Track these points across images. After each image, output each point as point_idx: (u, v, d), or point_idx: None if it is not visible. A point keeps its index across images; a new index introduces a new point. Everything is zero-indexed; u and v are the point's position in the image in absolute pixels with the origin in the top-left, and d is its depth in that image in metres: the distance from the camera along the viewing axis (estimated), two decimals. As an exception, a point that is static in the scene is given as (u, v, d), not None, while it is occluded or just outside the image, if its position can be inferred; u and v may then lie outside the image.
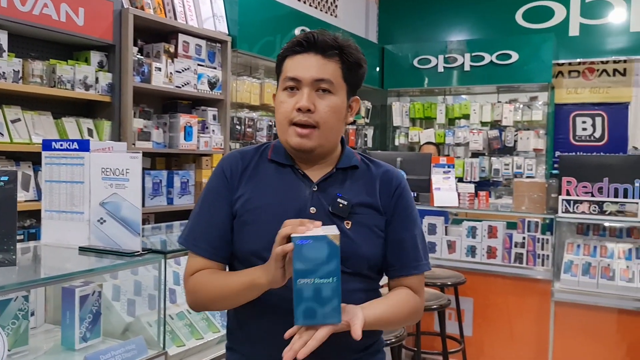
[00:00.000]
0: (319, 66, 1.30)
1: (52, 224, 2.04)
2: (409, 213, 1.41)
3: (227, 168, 1.40)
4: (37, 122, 3.12)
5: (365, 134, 6.42)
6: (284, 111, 1.32)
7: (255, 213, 1.34)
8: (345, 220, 1.33)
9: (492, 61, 6.07)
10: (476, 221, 4.07)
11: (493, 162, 6.10)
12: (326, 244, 1.11)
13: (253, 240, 1.33)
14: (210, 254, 1.36)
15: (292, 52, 1.34)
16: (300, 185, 1.36)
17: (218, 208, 1.37)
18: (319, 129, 1.31)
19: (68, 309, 1.82)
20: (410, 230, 1.40)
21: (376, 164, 1.45)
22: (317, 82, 1.30)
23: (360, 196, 1.37)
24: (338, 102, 1.33)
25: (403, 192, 1.41)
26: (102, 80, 3.35)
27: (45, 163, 2.07)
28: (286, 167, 1.39)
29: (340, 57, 1.32)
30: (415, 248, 1.40)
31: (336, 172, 1.39)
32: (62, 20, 3.09)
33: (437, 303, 3.09)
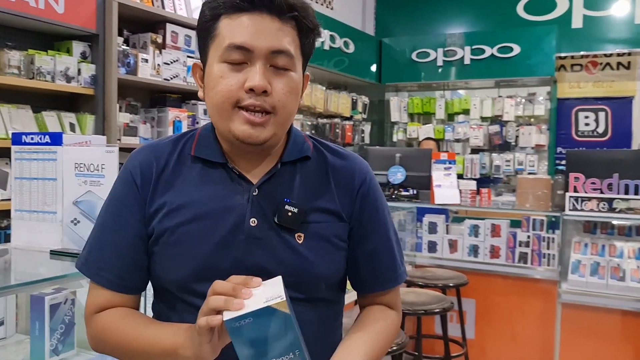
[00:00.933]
0: (275, 32, 0.98)
1: (22, 224, 1.89)
2: (379, 214, 1.13)
3: (136, 172, 1.07)
4: (15, 116, 2.94)
5: (363, 130, 6.26)
6: (227, 90, 0.98)
7: (178, 232, 1.03)
8: (296, 232, 1.04)
9: (492, 54, 5.91)
10: (478, 219, 3.91)
11: (494, 158, 5.95)
12: (272, 316, 0.83)
13: (176, 267, 1.02)
14: (116, 285, 1.05)
15: (233, 9, 0.98)
16: (236, 190, 1.05)
17: (126, 225, 1.05)
18: (276, 115, 1.00)
19: (37, 319, 1.67)
20: (383, 236, 1.14)
21: (333, 152, 1.14)
22: (274, 55, 0.98)
23: (315, 199, 1.07)
24: (296, 80, 1.02)
25: (370, 188, 1.12)
26: (84, 72, 3.17)
27: (16, 158, 1.91)
28: (216, 166, 1.07)
29: (297, 20, 1.01)
30: (390, 256, 1.15)
31: (281, 169, 1.08)
32: (40, 7, 2.91)
33: (439, 307, 2.94)
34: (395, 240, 1.17)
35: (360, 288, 1.17)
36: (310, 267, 1.03)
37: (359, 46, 5.98)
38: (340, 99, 5.87)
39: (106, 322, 1.04)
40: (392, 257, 1.15)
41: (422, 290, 3.22)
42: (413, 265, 3.95)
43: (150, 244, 1.05)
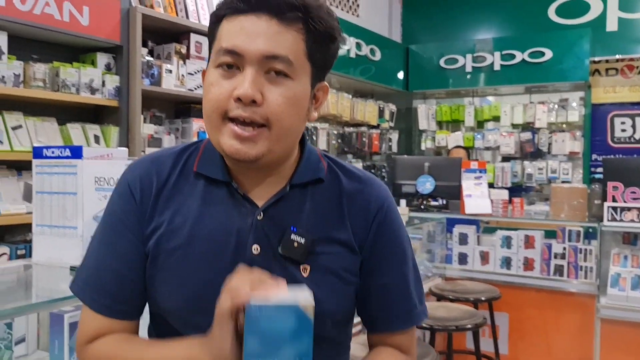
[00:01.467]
0: (271, 35, 0.87)
1: (43, 240, 1.86)
2: (396, 246, 1.03)
3: (135, 186, 0.97)
4: (40, 128, 2.94)
5: (390, 139, 6.16)
6: (215, 99, 0.89)
7: (177, 255, 0.94)
8: (301, 264, 0.94)
9: (523, 59, 5.76)
10: (511, 230, 3.78)
11: (526, 166, 5.78)
12: (294, 315, 0.78)
13: (172, 293, 0.93)
14: (113, 312, 0.96)
15: (232, 11, 0.90)
16: (239, 212, 0.95)
17: (124, 245, 0.96)
18: (270, 129, 0.89)
19: (57, 338, 1.65)
20: (398, 270, 1.03)
21: (349, 175, 1.03)
22: (269, 60, 0.87)
23: (326, 227, 0.97)
24: (297, 91, 0.91)
25: (386, 217, 1.01)
26: (109, 83, 3.16)
27: (36, 172, 1.90)
28: (219, 184, 0.97)
29: (304, 23, 0.89)
30: (405, 293, 1.03)
31: (290, 192, 0.97)
32: (65, 20, 2.91)
33: (471, 322, 2.82)
34: (413, 275, 1.05)
35: (369, 326, 1.06)
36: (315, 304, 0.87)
37: (385, 53, 5.90)
38: (367, 107, 5.80)
39: (102, 351, 0.94)
40: (407, 294, 1.03)
41: (454, 305, 3.11)
42: (443, 278, 3.83)
43: (148, 265, 0.96)
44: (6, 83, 2.73)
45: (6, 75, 2.73)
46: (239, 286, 0.79)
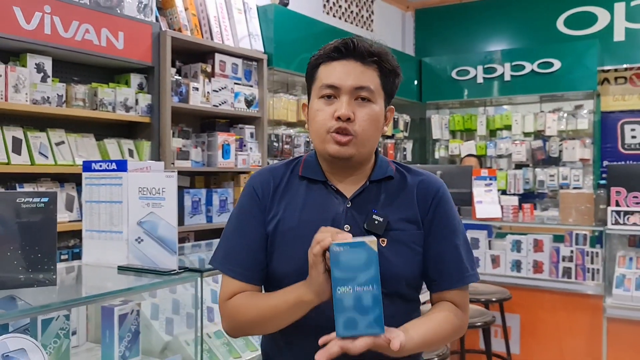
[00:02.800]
0: (358, 73, 1.26)
1: (92, 243, 2.08)
2: (448, 222, 1.33)
3: (258, 187, 1.35)
4: (80, 144, 3.20)
5: (404, 148, 6.36)
6: (322, 120, 1.27)
7: (288, 235, 1.29)
8: (380, 237, 1.26)
9: (533, 70, 5.93)
10: (521, 235, 3.95)
11: (537, 173, 5.93)
12: (364, 249, 1.08)
13: (286, 262, 1.28)
14: (245, 277, 1.31)
15: (328, 59, 1.29)
16: (333, 202, 1.31)
17: (251, 229, 1.32)
18: (357, 138, 1.26)
19: (107, 328, 1.84)
20: (450, 240, 1.32)
21: (412, 173, 1.38)
22: (357, 90, 1.26)
23: (397, 211, 1.30)
24: (377, 111, 1.29)
25: (441, 200, 1.34)
26: (141, 101, 3.42)
27: (86, 184, 2.12)
28: (318, 183, 1.34)
29: (378, 64, 1.28)
30: (457, 259, 1.32)
31: (370, 186, 1.33)
32: (102, 44, 3.18)
33: (481, 320, 3.00)
34: (464, 248, 1.34)
35: (430, 287, 1.35)
36: (391, 267, 1.24)
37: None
38: (382, 118, 5.98)
39: (237, 301, 1.30)
40: (458, 260, 1.32)
41: (464, 304, 3.28)
42: (456, 281, 3.99)
43: (268, 244, 1.31)
44: (51, 103, 3.00)
45: (51, 96, 2.99)
46: (324, 236, 1.11)
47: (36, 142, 2.97)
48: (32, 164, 2.93)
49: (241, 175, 4.13)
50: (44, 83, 2.97)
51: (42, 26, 2.90)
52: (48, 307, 1.56)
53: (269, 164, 4.35)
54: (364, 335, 1.09)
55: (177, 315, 2.12)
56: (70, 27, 3.03)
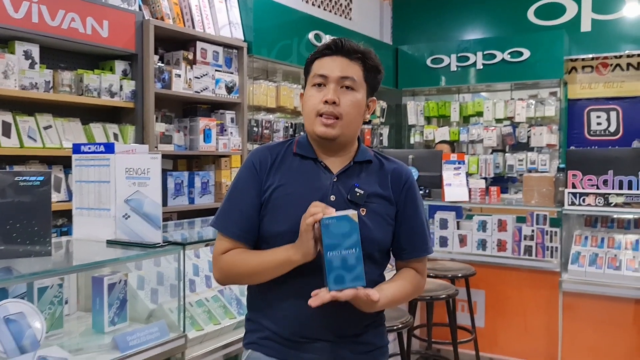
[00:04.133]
0: (344, 66, 1.50)
1: (82, 220, 2.24)
2: (417, 203, 1.61)
3: (256, 161, 1.57)
4: (67, 128, 3.34)
5: (381, 133, 6.55)
6: (312, 104, 1.51)
7: (284, 200, 1.51)
8: (361, 207, 1.50)
9: (504, 59, 6.15)
10: (487, 215, 4.17)
11: (507, 158, 6.18)
12: (347, 221, 1.34)
13: (282, 222, 1.49)
14: (238, 236, 1.53)
15: (321, 55, 1.54)
16: (322, 176, 1.54)
17: (248, 196, 1.53)
18: (342, 120, 1.49)
19: (97, 296, 2.00)
20: (419, 218, 1.60)
21: (388, 160, 1.63)
22: (342, 80, 1.49)
23: (374, 188, 1.55)
24: (359, 98, 1.52)
25: (411, 185, 1.60)
26: (125, 87, 3.57)
27: (75, 165, 2.26)
28: (309, 160, 1.56)
29: (362, 60, 1.52)
30: (423, 233, 1.61)
31: (353, 165, 1.56)
32: (88, 32, 3.31)
33: (445, 293, 3.23)
34: (426, 223, 1.65)
35: (399, 255, 1.62)
36: (369, 232, 1.48)
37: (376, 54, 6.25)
38: (359, 104, 6.16)
39: (231, 256, 1.53)
40: (424, 234, 1.62)
41: (431, 279, 3.51)
42: (426, 259, 4.21)
43: (263, 208, 1.53)
44: (38, 89, 3.13)
45: (38, 82, 3.13)
46: (316, 210, 1.35)
47: (25, 126, 3.10)
48: (22, 146, 3.07)
49: (222, 158, 4.30)
50: (32, 69, 3.11)
51: (29, 15, 3.03)
52: (45, 273, 1.72)
53: (248, 148, 4.53)
54: (349, 287, 1.35)
55: (162, 286, 2.29)
56: (57, 16, 3.16)
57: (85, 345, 1.88)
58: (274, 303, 1.54)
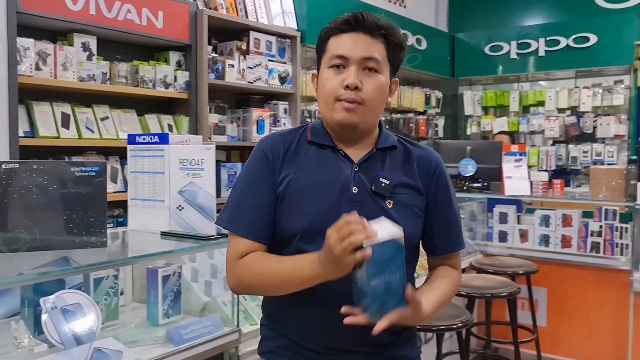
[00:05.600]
0: (366, 45, 1.31)
1: (137, 211, 2.24)
2: (449, 192, 1.44)
3: (268, 150, 1.39)
4: (123, 119, 3.38)
5: (436, 124, 6.38)
6: (330, 88, 1.32)
7: (300, 194, 1.33)
8: (387, 199, 1.34)
9: (568, 45, 5.85)
10: (550, 210, 3.98)
11: (570, 149, 5.89)
12: (393, 244, 1.15)
13: (298, 220, 1.32)
14: (255, 236, 1.34)
15: (338, 31, 1.34)
16: (342, 165, 1.36)
17: (261, 190, 1.36)
18: (364, 106, 1.32)
19: (152, 288, 1.99)
20: (452, 209, 1.44)
21: (414, 146, 1.45)
22: (365, 61, 1.31)
23: (401, 176, 1.37)
24: (383, 81, 1.34)
25: (441, 172, 1.42)
26: (180, 78, 3.57)
27: (131, 155, 2.26)
28: (326, 148, 1.39)
29: (385, 37, 1.33)
30: (457, 226, 1.46)
31: (376, 152, 1.39)
32: (143, 24, 3.33)
33: (506, 290, 3.08)
34: (459, 214, 1.47)
35: (432, 251, 1.46)
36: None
37: (432, 42, 6.10)
38: (414, 94, 6.03)
39: (249, 265, 1.32)
40: (458, 227, 1.46)
41: (490, 276, 3.36)
42: (484, 254, 4.08)
43: (277, 204, 1.36)
44: (96, 80, 3.17)
45: (96, 73, 3.16)
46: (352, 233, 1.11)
47: (83, 117, 3.15)
48: (80, 137, 3.11)
49: (275, 150, 4.24)
50: (90, 61, 3.14)
51: (87, 7, 3.06)
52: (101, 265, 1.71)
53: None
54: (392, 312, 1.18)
55: (215, 279, 2.26)
56: (114, 7, 3.18)
57: (140, 338, 1.87)
58: (294, 308, 1.35)
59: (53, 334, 1.57)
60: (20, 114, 2.87)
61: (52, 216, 1.72)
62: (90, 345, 1.61)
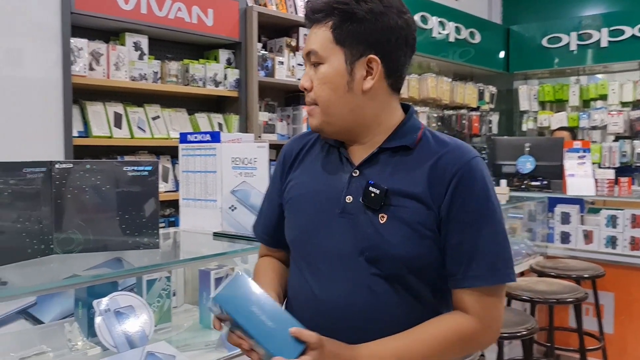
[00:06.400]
0: (309, 37, 1.16)
1: (188, 211, 2.20)
2: (472, 205, 1.08)
3: (286, 152, 1.33)
4: (174, 118, 3.37)
5: (490, 120, 6.17)
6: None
7: (296, 202, 1.24)
8: (380, 212, 1.09)
9: (634, 35, 5.53)
10: (617, 210, 3.75)
11: (636, 145, 5.57)
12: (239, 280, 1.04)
13: (290, 229, 1.26)
14: (265, 241, 1.37)
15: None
16: (342, 170, 1.18)
17: (272, 195, 1.34)
18: (318, 106, 1.16)
19: (205, 290, 1.96)
20: (474, 229, 1.08)
21: (441, 143, 1.15)
22: (309, 57, 1.16)
23: (404, 184, 1.10)
24: (328, 71, 1.13)
25: (463, 178, 1.08)
26: (230, 76, 3.53)
27: (182, 155, 2.22)
28: (334, 149, 1.23)
29: (328, 16, 1.11)
30: (481, 252, 1.08)
31: (379, 153, 1.15)
32: (193, 22, 3.31)
33: (572, 296, 2.89)
34: (491, 236, 1.09)
35: (449, 283, 1.12)
36: (387, 247, 1.08)
37: (485, 36, 5.90)
38: (467, 89, 5.84)
39: (258, 266, 1.38)
40: (482, 253, 1.08)
41: (555, 280, 3.18)
42: (544, 256, 3.88)
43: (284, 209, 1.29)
44: (147, 80, 3.16)
45: (147, 72, 3.16)
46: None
47: (135, 116, 3.15)
48: (132, 137, 3.11)
49: (325, 148, 4.18)
50: (141, 60, 3.14)
51: (138, 6, 3.06)
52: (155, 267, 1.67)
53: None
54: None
55: (268, 281, 2.20)
56: (164, 6, 3.17)
57: (193, 342, 1.83)
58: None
59: (106, 337, 1.54)
60: (75, 114, 2.89)
61: (105, 217, 1.69)
62: (143, 349, 1.57)
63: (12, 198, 1.50)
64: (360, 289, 1.10)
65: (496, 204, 1.12)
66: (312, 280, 1.16)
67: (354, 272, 1.11)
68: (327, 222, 1.15)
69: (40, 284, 1.42)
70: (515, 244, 3.67)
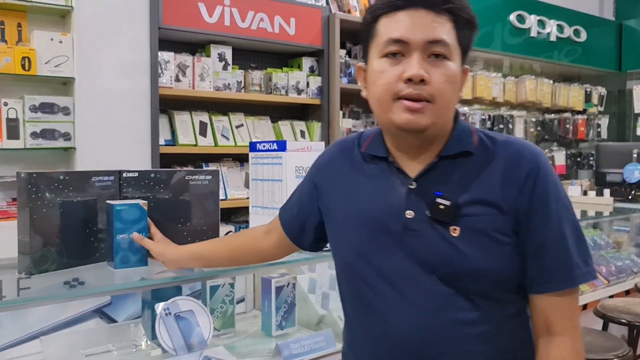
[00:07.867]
0: (431, 24, 1.00)
1: (257, 218, 2.23)
2: (550, 206, 1.03)
3: (321, 161, 1.28)
4: (257, 126, 3.45)
5: (599, 124, 5.71)
6: (386, 83, 1.02)
7: (343, 222, 1.14)
8: (450, 225, 1.02)
9: None
10: None
11: None
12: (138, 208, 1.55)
13: (345, 250, 1.14)
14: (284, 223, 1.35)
15: (390, 9, 1.02)
16: (395, 183, 1.09)
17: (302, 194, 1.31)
18: (434, 104, 1.01)
19: (266, 298, 1.97)
20: (554, 229, 1.03)
21: (501, 144, 1.08)
22: (431, 45, 1.00)
23: (474, 191, 1.04)
24: (455, 70, 1.02)
25: (538, 178, 1.03)
26: (312, 84, 3.56)
27: (252, 163, 2.27)
28: (380, 161, 1.12)
29: (452, 13, 1.02)
30: (563, 254, 1.03)
31: (440, 163, 1.07)
32: (276, 31, 3.37)
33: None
34: (572, 236, 1.04)
35: (528, 288, 1.07)
36: (465, 261, 1.01)
37: (593, 32, 5.47)
38: (571, 91, 5.45)
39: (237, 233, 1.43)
40: (565, 255, 1.03)
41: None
42: (654, 275, 3.51)
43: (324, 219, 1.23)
44: (231, 89, 3.27)
45: (231, 82, 3.27)
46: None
47: (219, 125, 3.27)
48: (216, 145, 3.23)
49: (411, 155, 4.09)
50: (225, 71, 3.25)
51: (222, 18, 3.17)
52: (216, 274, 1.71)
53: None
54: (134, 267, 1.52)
55: (333, 291, 2.18)
56: (247, 17, 3.26)
57: (252, 349, 1.85)
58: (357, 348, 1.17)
59: (165, 340, 1.60)
60: (163, 123, 3.05)
61: (169, 224, 1.75)
62: (200, 353, 1.62)
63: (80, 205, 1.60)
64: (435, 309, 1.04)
65: (568, 200, 1.08)
66: (381, 305, 1.08)
67: (427, 293, 1.04)
68: (387, 242, 1.06)
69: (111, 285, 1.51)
70: (620, 260, 3.37)
